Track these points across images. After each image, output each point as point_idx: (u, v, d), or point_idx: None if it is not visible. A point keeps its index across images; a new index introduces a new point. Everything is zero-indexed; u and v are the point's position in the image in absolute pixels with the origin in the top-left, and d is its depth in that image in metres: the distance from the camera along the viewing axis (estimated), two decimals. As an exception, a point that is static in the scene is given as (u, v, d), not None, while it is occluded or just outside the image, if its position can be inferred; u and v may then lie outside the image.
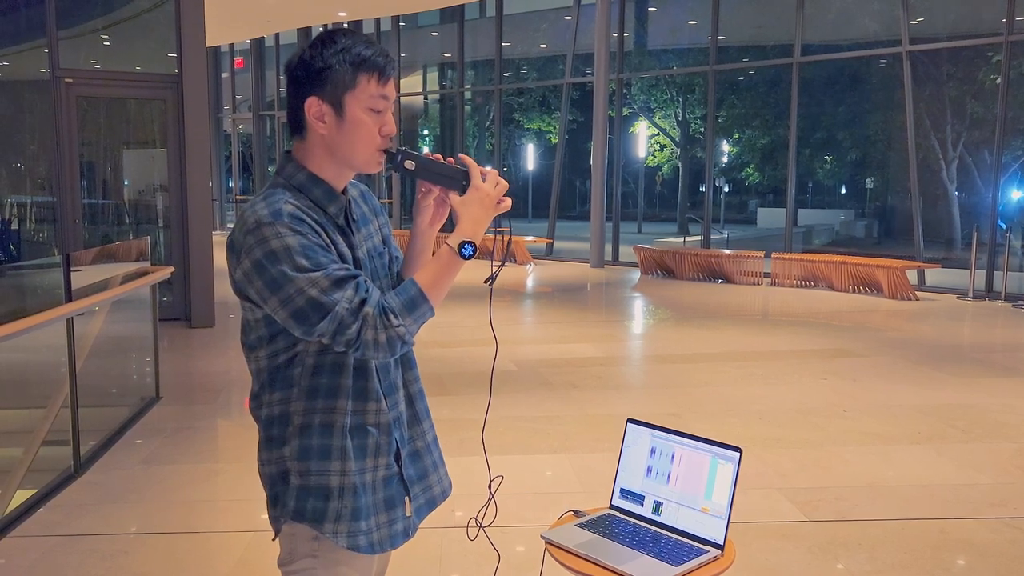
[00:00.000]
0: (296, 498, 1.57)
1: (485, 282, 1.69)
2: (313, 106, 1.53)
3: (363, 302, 1.47)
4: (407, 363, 1.73)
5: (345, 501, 1.57)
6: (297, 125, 1.58)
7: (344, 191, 1.63)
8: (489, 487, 1.89)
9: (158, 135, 8.79)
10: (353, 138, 1.55)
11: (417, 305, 1.52)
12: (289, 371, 1.57)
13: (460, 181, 1.59)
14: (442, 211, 1.68)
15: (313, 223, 1.51)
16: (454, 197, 1.59)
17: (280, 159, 1.62)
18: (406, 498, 1.67)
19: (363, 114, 1.54)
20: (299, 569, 1.60)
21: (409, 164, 1.59)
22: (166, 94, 8.38)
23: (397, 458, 1.66)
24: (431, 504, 1.75)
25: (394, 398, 1.67)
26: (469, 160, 1.60)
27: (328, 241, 1.53)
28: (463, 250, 1.55)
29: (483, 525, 1.90)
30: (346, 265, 1.51)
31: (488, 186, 1.58)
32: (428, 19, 22.47)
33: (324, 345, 1.53)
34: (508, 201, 1.60)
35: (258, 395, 1.62)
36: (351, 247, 1.61)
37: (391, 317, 1.48)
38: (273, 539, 1.64)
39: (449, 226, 1.65)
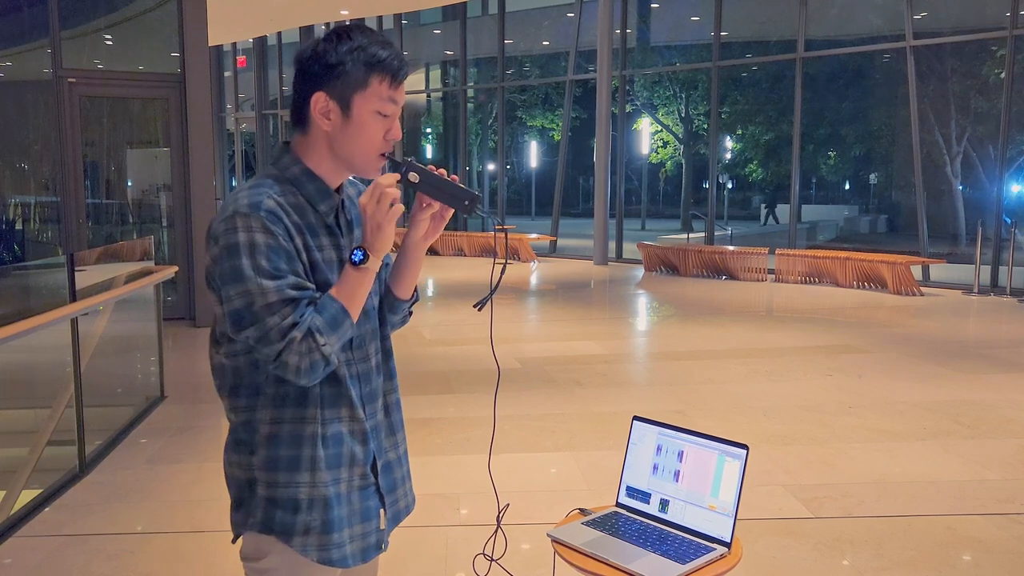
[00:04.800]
0: (263, 510, 1.53)
1: (475, 307, 1.66)
2: (320, 101, 1.49)
3: (294, 325, 1.41)
4: (388, 372, 1.67)
5: (315, 514, 1.52)
6: (300, 118, 1.53)
7: (339, 189, 1.58)
8: (497, 518, 1.86)
9: (161, 134, 8.80)
10: (357, 139, 1.51)
11: (340, 322, 1.46)
12: (253, 376, 1.51)
13: (463, 200, 1.53)
14: (436, 226, 1.61)
15: (290, 224, 1.46)
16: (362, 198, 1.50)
17: (277, 149, 1.57)
18: (381, 510, 1.62)
19: (370, 116, 1.49)
20: (267, 568, 1.55)
21: (413, 177, 1.53)
22: (169, 93, 8.39)
23: (373, 469, 1.61)
24: (396, 519, 1.69)
25: (373, 407, 1.62)
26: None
27: (302, 246, 1.48)
28: (352, 257, 1.48)
29: (493, 559, 1.87)
30: (303, 283, 1.46)
31: (372, 199, 1.47)
32: (430, 17, 22.46)
33: None
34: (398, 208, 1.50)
35: (223, 396, 1.57)
36: (338, 248, 1.55)
37: (317, 337, 1.42)
38: (232, 542, 1.61)
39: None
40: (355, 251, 1.48)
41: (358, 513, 1.58)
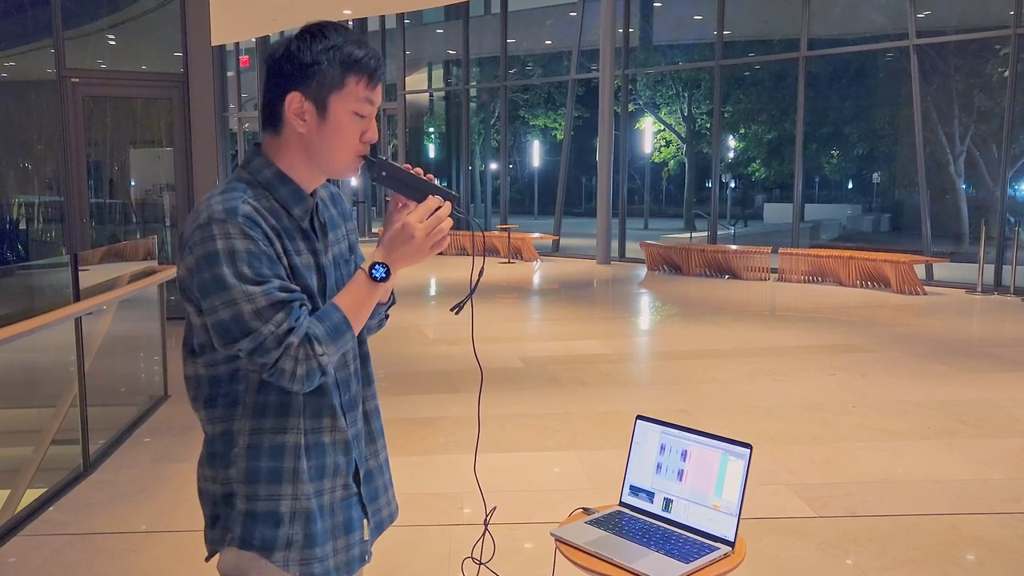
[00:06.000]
0: (242, 525, 1.47)
1: (452, 310, 1.63)
2: (294, 102, 1.43)
3: (290, 331, 1.36)
4: (366, 378, 1.64)
5: (296, 527, 1.47)
6: (272, 119, 1.47)
7: (313, 192, 1.53)
8: (485, 521, 1.86)
9: (164, 134, 8.81)
10: (333, 141, 1.46)
11: (341, 332, 1.42)
12: (232, 386, 1.46)
13: (440, 200, 1.51)
14: None
15: (268, 229, 1.41)
16: (399, 221, 1.47)
17: (248, 151, 1.51)
18: (364, 521, 1.59)
19: (347, 117, 1.45)
20: None
21: (387, 175, 1.50)
22: (172, 93, 8.40)
23: (356, 479, 1.57)
24: (379, 528, 1.64)
25: (353, 415, 1.57)
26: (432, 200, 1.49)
27: (281, 251, 1.43)
28: (374, 271, 1.45)
29: (481, 562, 1.87)
30: (289, 285, 1.41)
31: (422, 231, 1.46)
32: (433, 16, 22.45)
33: None
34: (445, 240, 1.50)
35: (198, 408, 1.52)
36: (314, 252, 1.51)
37: (316, 345, 1.38)
38: (206, 560, 1.55)
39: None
40: (376, 266, 1.45)
41: (341, 525, 1.54)
